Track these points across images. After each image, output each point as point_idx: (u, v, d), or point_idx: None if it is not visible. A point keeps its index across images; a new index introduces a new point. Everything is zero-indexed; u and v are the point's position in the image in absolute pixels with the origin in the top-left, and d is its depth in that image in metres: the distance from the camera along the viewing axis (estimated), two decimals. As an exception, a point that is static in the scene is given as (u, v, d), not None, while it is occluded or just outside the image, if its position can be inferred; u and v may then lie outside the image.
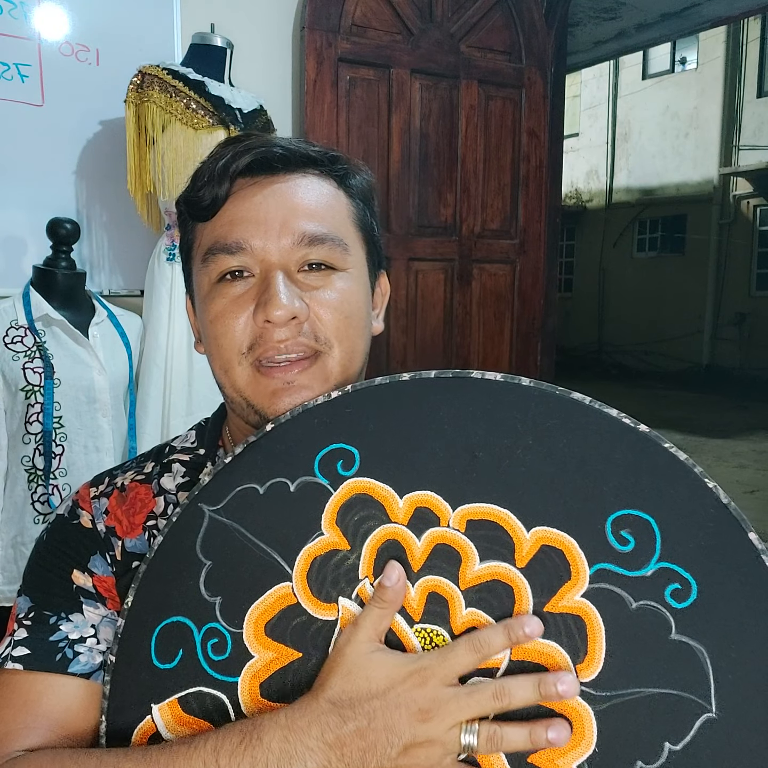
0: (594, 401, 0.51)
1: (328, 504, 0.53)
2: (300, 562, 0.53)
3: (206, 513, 0.56)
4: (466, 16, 2.51)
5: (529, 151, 2.69)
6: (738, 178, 9.93)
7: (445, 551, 0.51)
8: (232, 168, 0.62)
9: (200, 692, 0.53)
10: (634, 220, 11.18)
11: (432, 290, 2.57)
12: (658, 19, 3.93)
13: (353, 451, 0.54)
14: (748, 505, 4.39)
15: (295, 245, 0.62)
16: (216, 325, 0.63)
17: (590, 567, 0.48)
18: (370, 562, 0.52)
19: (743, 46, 9.68)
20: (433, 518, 0.51)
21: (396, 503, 0.52)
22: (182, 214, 0.69)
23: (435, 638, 0.50)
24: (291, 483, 0.55)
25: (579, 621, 0.48)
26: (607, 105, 11.38)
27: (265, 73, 2.28)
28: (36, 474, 1.67)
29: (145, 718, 0.53)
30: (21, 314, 1.68)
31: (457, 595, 0.50)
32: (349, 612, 0.52)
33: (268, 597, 0.53)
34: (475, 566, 0.50)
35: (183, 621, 0.54)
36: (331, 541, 0.53)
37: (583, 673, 0.47)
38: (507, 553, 0.50)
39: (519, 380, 0.52)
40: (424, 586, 0.51)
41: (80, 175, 2.04)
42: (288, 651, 0.52)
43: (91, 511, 0.70)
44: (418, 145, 2.49)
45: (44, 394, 1.64)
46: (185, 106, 1.79)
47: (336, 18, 2.29)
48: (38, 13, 1.95)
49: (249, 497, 0.55)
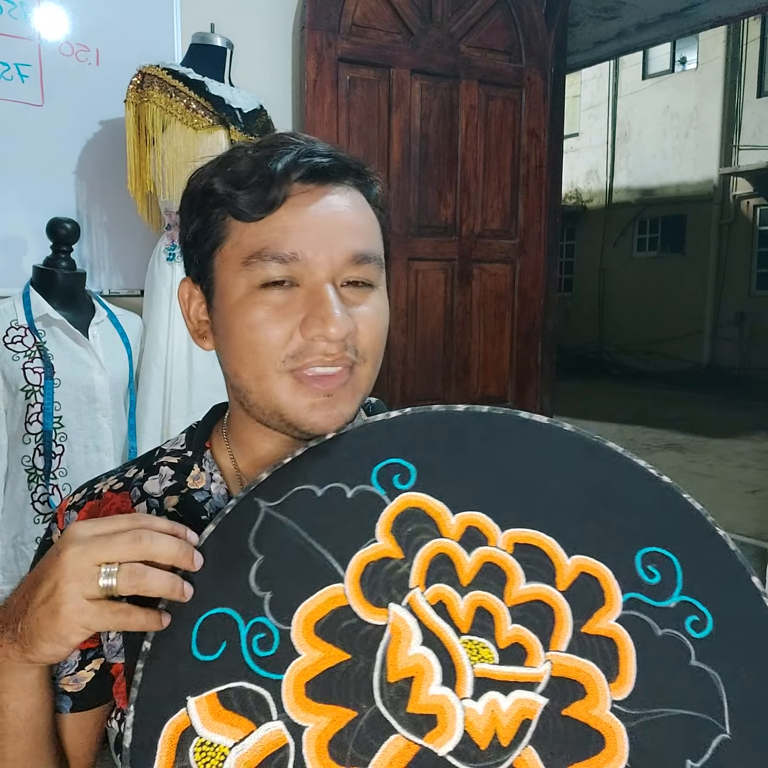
0: (626, 451, 0.58)
1: (384, 513, 0.55)
2: (353, 566, 0.54)
3: (262, 508, 0.56)
4: (466, 16, 2.51)
5: (529, 151, 2.69)
6: (738, 178, 9.93)
7: (492, 569, 0.54)
8: (293, 173, 0.60)
9: (242, 688, 0.51)
10: (634, 220, 11.18)
11: (432, 290, 2.57)
12: (658, 18, 3.92)
13: (409, 468, 0.57)
14: (751, 505, 4.38)
15: (345, 262, 0.61)
16: (256, 332, 0.61)
17: (623, 595, 0.53)
18: (422, 572, 0.54)
19: (743, 46, 9.67)
20: (482, 537, 0.55)
21: (448, 520, 0.55)
22: (209, 205, 0.64)
23: (481, 650, 0.51)
24: (348, 489, 0.57)
25: (612, 643, 0.51)
26: (607, 105, 11.38)
27: (265, 73, 2.28)
28: (36, 474, 1.67)
29: (179, 711, 0.51)
30: (21, 314, 1.68)
31: (503, 611, 0.52)
32: (398, 618, 0.52)
33: (320, 597, 0.53)
34: (520, 586, 0.53)
35: (229, 613, 0.53)
36: (384, 549, 0.54)
37: (616, 691, 0.50)
38: (549, 576, 0.53)
39: (562, 425, 0.59)
40: (472, 600, 0.53)
41: (80, 175, 2.04)
42: (336, 652, 0.52)
43: (62, 525, 0.69)
44: (418, 145, 2.49)
45: (44, 394, 1.64)
46: (185, 106, 1.79)
47: (336, 18, 2.29)
48: (38, 13, 1.95)
49: (306, 498, 0.57)
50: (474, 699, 0.50)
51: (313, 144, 0.64)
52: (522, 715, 0.49)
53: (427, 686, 0.50)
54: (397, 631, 0.52)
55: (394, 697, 0.50)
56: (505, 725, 0.49)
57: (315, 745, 0.49)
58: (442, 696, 0.50)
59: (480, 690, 0.50)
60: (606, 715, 0.49)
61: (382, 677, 0.51)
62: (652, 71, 10.90)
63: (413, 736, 0.49)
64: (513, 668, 0.51)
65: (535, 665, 0.51)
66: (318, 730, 0.49)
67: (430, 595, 0.53)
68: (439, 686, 0.50)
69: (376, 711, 0.50)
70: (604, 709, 0.50)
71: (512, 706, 0.50)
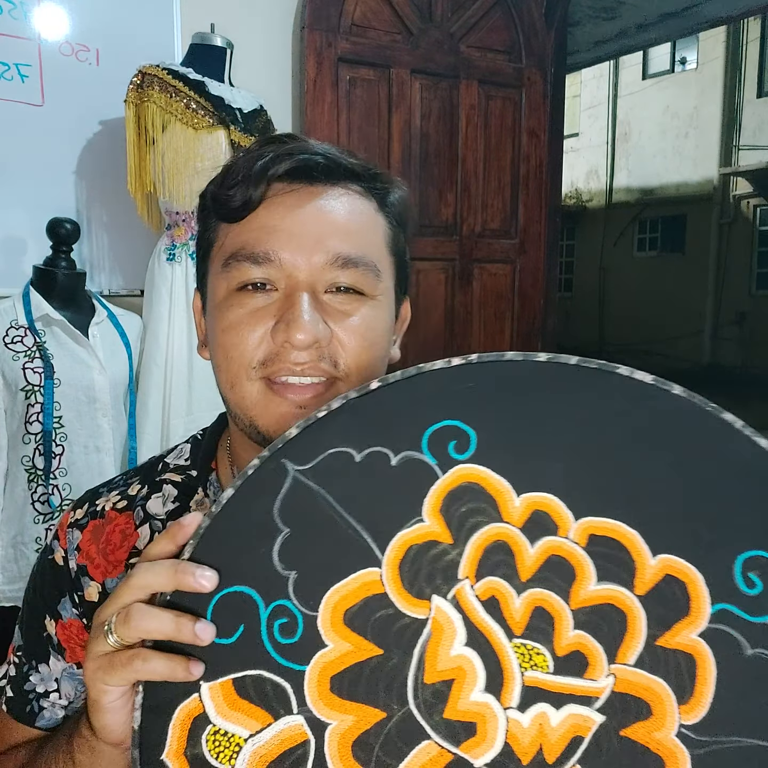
0: (746, 426, 0.46)
1: (434, 488, 0.47)
2: (393, 548, 0.47)
3: (290, 472, 0.48)
4: (466, 15, 2.51)
5: (529, 151, 2.69)
6: (738, 178, 9.93)
7: (559, 564, 0.46)
8: (271, 171, 0.57)
9: (260, 676, 0.47)
10: (634, 220, 11.18)
11: (433, 290, 2.57)
12: (658, 19, 3.92)
13: (470, 433, 0.47)
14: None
15: (326, 265, 0.58)
16: (228, 335, 0.58)
17: (712, 605, 0.45)
18: (473, 562, 0.46)
19: (743, 46, 9.67)
20: (551, 525, 0.46)
21: (511, 501, 0.46)
22: (205, 209, 0.63)
23: (535, 657, 0.46)
24: (393, 455, 0.48)
25: (690, 660, 0.45)
26: (607, 105, 11.39)
27: (265, 73, 2.28)
28: (36, 474, 1.67)
29: (191, 696, 0.47)
30: (21, 314, 1.68)
31: (566, 614, 0.46)
32: (442, 613, 0.46)
33: (352, 581, 0.47)
34: (590, 586, 0.46)
35: (248, 593, 0.48)
36: (431, 531, 0.47)
37: (687, 715, 0.45)
38: (627, 577, 0.45)
39: (670, 387, 0.47)
40: (531, 598, 0.46)
41: (80, 175, 2.04)
42: (368, 645, 0.46)
43: (65, 544, 0.67)
44: (419, 144, 2.49)
45: (44, 394, 1.64)
46: (185, 106, 1.79)
47: (336, 18, 2.29)
48: (38, 13, 1.95)
49: (342, 463, 0.48)
50: (520, 710, 0.45)
51: (306, 144, 0.61)
52: (573, 731, 0.45)
53: (468, 691, 0.45)
54: (439, 628, 0.46)
55: (429, 700, 0.46)
56: (552, 741, 0.44)
57: (338, 744, 0.46)
58: (484, 703, 0.45)
59: (528, 700, 0.45)
60: (670, 739, 0.44)
61: (418, 677, 0.46)
62: (652, 71, 10.91)
63: (448, 744, 0.45)
64: (569, 679, 0.45)
65: (595, 678, 0.45)
66: (342, 729, 0.46)
67: (482, 589, 0.46)
68: (482, 692, 0.45)
69: (408, 713, 0.46)
70: (670, 733, 0.44)
71: (563, 720, 0.45)
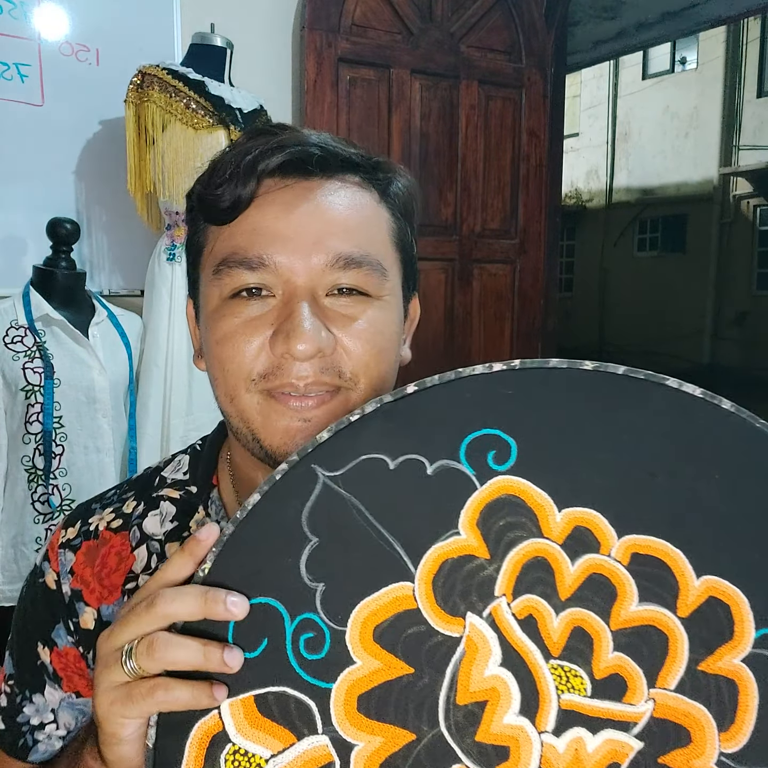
0: None
1: (471, 500, 0.45)
2: (427, 562, 0.45)
3: (320, 478, 0.46)
4: (466, 15, 2.51)
5: (529, 151, 2.69)
6: (738, 178, 9.93)
7: (600, 583, 0.44)
8: (260, 166, 0.53)
9: (284, 693, 0.45)
10: (635, 220, 11.18)
11: (433, 290, 2.57)
12: (658, 18, 3.92)
13: (510, 442, 0.46)
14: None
15: (327, 267, 0.53)
16: (223, 347, 0.54)
17: (756, 630, 0.43)
18: (510, 579, 0.45)
19: (743, 46, 9.68)
20: (593, 542, 0.44)
21: (552, 515, 0.45)
22: (193, 210, 0.59)
23: (572, 679, 0.44)
24: (429, 464, 0.46)
25: (732, 686, 0.43)
26: (607, 105, 11.39)
27: (265, 73, 2.28)
28: (36, 474, 1.67)
29: (210, 713, 0.45)
30: (21, 314, 1.68)
31: (605, 635, 0.44)
32: (476, 631, 0.44)
33: (384, 596, 0.45)
34: (631, 606, 0.44)
35: (273, 604, 0.45)
36: (467, 545, 0.45)
37: (727, 743, 0.43)
38: (669, 598, 0.44)
39: (719, 401, 0.45)
40: (570, 618, 0.44)
41: (80, 175, 2.04)
42: (398, 663, 0.44)
43: (57, 567, 0.63)
44: (419, 144, 2.49)
45: (44, 394, 1.64)
46: (185, 106, 1.79)
47: (336, 18, 2.29)
48: (38, 13, 1.95)
49: (375, 470, 0.46)
50: (555, 734, 0.43)
51: (299, 134, 0.56)
52: (610, 757, 0.43)
53: (501, 713, 0.44)
54: (473, 647, 0.44)
55: (461, 722, 0.44)
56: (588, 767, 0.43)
57: (365, 767, 0.44)
58: (519, 727, 0.43)
59: (564, 724, 0.43)
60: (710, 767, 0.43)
61: (450, 698, 0.44)
62: (652, 71, 10.91)
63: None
64: (607, 703, 0.44)
65: (634, 703, 0.43)
66: (369, 751, 0.44)
67: (519, 607, 0.45)
68: (516, 715, 0.44)
69: (438, 735, 0.44)
70: (709, 761, 0.43)
71: (600, 746, 0.43)
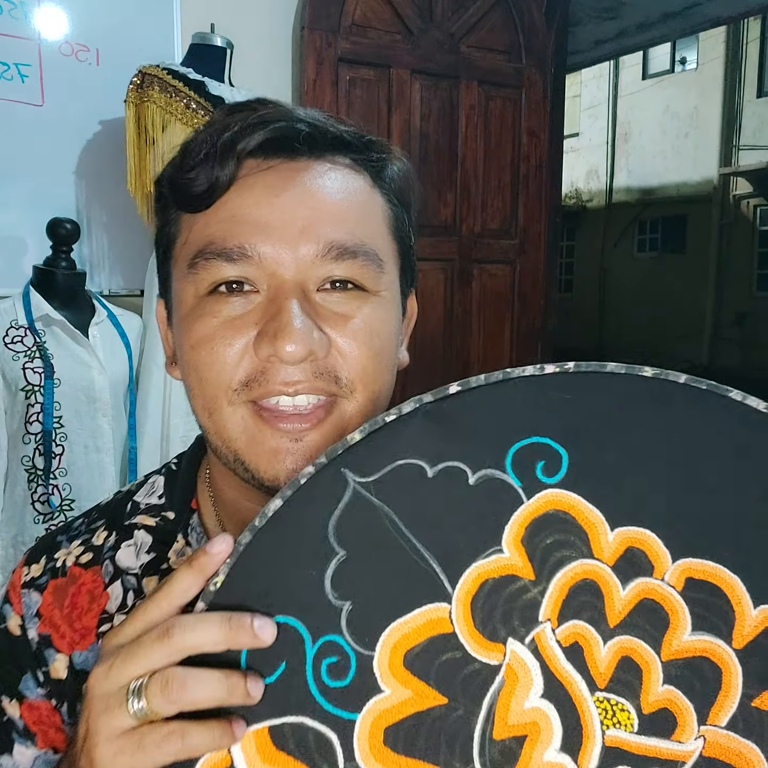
0: None
1: (517, 514, 0.41)
2: (466, 582, 0.41)
3: (351, 484, 0.41)
4: (466, 15, 2.51)
5: (529, 151, 2.69)
6: (738, 178, 9.94)
7: (651, 609, 0.41)
8: (240, 145, 0.47)
9: (302, 725, 0.40)
10: (635, 220, 11.19)
11: (432, 290, 2.57)
12: (659, 18, 3.92)
13: (561, 453, 0.42)
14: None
15: (317, 258, 0.47)
16: (200, 353, 0.47)
17: None
18: (556, 603, 0.41)
19: (743, 46, 9.68)
20: (646, 565, 0.41)
21: (604, 535, 0.41)
22: (162, 198, 0.52)
23: (618, 713, 0.40)
24: (471, 473, 0.42)
25: None
26: (607, 105, 11.39)
27: (265, 73, 2.28)
28: (36, 474, 1.67)
29: None
30: (21, 314, 1.68)
31: (655, 666, 0.41)
32: (517, 659, 0.40)
33: (417, 618, 0.41)
34: (684, 636, 0.41)
35: (292, 624, 0.41)
36: (511, 564, 0.41)
37: None
38: (724, 628, 0.41)
39: None
40: (618, 647, 0.41)
41: (80, 175, 2.04)
42: (430, 693, 0.40)
43: (20, 610, 0.55)
44: (418, 144, 2.49)
45: (44, 394, 1.64)
46: (185, 106, 1.79)
47: (336, 18, 2.29)
48: (38, 13, 1.94)
49: (412, 477, 0.42)
50: None
51: (283, 108, 0.50)
52: None
53: (541, 750, 0.40)
54: (513, 676, 0.40)
55: (497, 759, 0.40)
56: None
57: None
58: (560, 764, 0.40)
59: (608, 763, 0.40)
60: None
61: (486, 732, 0.40)
62: (652, 71, 10.92)
63: None
64: (655, 741, 0.40)
65: (683, 740, 0.40)
66: None
67: (564, 634, 0.41)
68: (557, 752, 0.40)
69: None
70: None
71: None
